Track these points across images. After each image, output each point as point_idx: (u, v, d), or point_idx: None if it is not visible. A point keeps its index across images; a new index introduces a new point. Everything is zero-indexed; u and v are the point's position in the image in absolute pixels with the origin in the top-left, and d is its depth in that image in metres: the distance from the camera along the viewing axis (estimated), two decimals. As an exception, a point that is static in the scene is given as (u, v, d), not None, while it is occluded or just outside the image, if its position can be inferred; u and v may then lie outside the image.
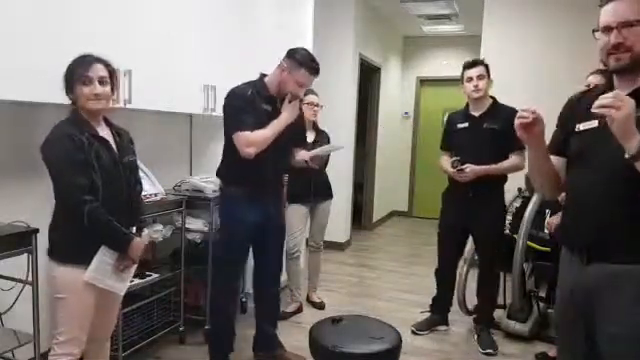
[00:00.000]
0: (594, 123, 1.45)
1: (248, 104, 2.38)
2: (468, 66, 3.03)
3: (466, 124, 3.05)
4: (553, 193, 1.71)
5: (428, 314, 3.42)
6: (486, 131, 2.94)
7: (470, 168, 2.89)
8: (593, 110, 1.30)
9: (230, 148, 2.44)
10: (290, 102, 2.46)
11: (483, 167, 2.90)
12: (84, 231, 1.77)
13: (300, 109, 2.59)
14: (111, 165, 1.84)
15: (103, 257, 1.84)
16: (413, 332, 3.30)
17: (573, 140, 1.53)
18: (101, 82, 1.80)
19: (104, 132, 1.89)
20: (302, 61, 2.39)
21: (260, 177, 2.46)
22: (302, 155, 2.77)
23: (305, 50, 2.46)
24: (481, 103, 3.02)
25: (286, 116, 2.43)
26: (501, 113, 2.89)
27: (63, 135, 1.75)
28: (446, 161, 3.12)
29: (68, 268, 1.81)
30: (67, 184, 1.75)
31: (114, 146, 1.90)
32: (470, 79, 2.99)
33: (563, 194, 1.66)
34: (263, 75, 2.52)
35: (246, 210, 2.49)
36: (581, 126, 1.50)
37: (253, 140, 2.34)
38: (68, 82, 1.79)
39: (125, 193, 1.91)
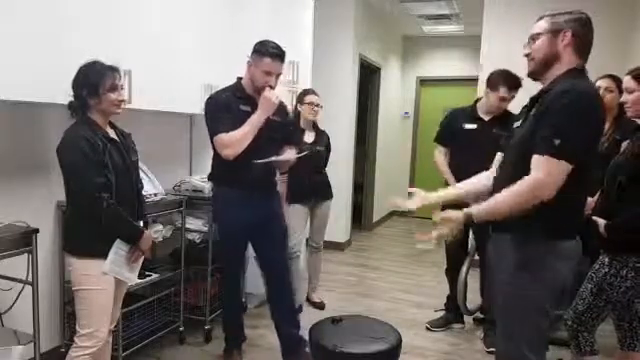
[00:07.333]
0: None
1: (223, 108, 2.40)
2: (510, 87, 2.93)
3: (474, 125, 3.04)
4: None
5: (442, 312, 3.48)
6: (495, 136, 2.93)
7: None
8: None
9: (216, 151, 2.47)
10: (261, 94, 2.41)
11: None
12: (98, 226, 1.87)
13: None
14: (121, 164, 1.95)
15: (118, 250, 1.96)
16: (428, 329, 3.36)
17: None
18: (122, 89, 1.97)
19: (112, 134, 1.99)
20: (263, 50, 2.40)
21: (248, 177, 2.44)
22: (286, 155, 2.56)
23: (266, 40, 2.45)
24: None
25: (260, 111, 2.40)
26: (511, 121, 2.87)
27: (79, 137, 1.83)
28: (441, 158, 3.24)
29: (85, 260, 1.91)
30: (85, 183, 1.83)
31: (122, 147, 2.00)
32: (503, 99, 2.94)
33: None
34: (239, 78, 2.53)
35: (236, 210, 2.50)
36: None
37: (228, 142, 2.35)
38: (94, 88, 1.85)
39: (134, 190, 2.05)
